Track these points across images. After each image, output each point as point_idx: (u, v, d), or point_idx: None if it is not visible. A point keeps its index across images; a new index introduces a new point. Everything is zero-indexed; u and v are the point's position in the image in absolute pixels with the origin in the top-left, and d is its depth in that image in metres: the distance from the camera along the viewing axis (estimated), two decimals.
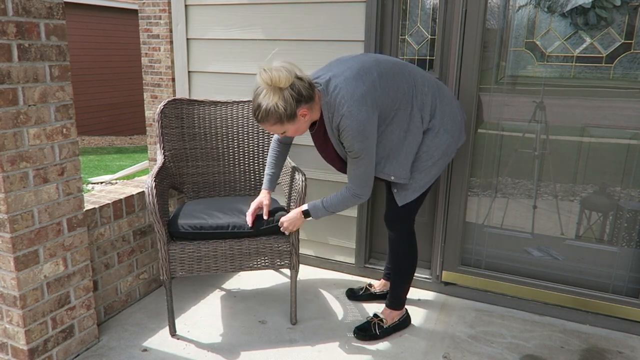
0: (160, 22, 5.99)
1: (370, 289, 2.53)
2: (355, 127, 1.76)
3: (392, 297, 2.25)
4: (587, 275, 2.38)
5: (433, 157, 1.97)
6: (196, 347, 2.13)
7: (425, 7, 2.41)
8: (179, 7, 2.80)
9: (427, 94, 1.94)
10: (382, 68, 1.86)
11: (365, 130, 1.77)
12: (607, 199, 2.28)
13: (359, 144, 1.79)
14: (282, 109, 1.74)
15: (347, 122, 1.76)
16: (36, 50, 1.72)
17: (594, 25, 2.13)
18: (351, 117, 1.75)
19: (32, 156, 1.76)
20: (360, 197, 1.92)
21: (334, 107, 1.79)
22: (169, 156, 2.44)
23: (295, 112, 1.77)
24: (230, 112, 2.59)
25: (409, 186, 2.00)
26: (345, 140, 1.81)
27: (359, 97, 1.76)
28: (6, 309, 1.83)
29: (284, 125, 1.81)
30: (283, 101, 1.74)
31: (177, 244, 2.08)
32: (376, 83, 1.81)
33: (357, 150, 1.81)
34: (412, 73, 1.93)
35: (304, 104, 1.78)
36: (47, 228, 1.85)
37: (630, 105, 2.15)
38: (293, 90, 1.74)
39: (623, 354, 2.12)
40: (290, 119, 1.78)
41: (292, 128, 1.84)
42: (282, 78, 1.71)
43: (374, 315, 2.26)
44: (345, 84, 1.78)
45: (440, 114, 1.96)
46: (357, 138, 1.78)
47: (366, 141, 1.79)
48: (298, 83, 1.76)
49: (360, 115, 1.76)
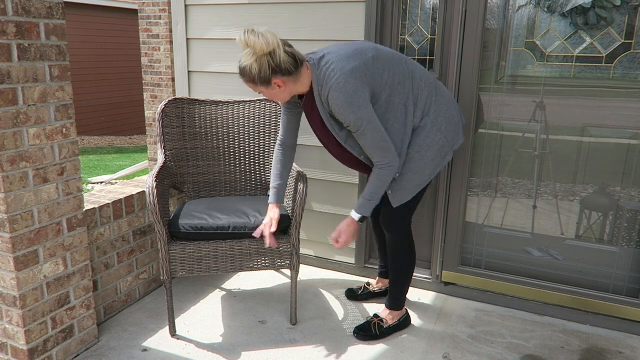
0: (160, 22, 5.98)
1: (369, 287, 2.53)
2: (343, 99, 1.77)
3: (392, 298, 2.24)
4: (587, 275, 2.38)
5: (426, 157, 1.96)
6: (196, 347, 2.13)
7: (425, 7, 2.41)
8: (179, 7, 2.79)
9: (423, 89, 1.94)
10: (379, 52, 1.88)
11: (354, 101, 1.77)
12: (607, 199, 2.28)
13: (353, 115, 1.79)
14: (256, 72, 1.78)
15: (335, 94, 1.78)
16: (36, 50, 1.72)
17: (594, 25, 2.12)
18: (339, 89, 1.77)
19: (32, 156, 1.76)
20: (391, 166, 1.88)
21: (324, 80, 1.81)
22: (169, 156, 2.44)
23: (270, 79, 1.80)
24: (232, 112, 2.59)
25: (403, 187, 1.99)
26: (339, 115, 1.81)
27: (348, 70, 1.78)
28: (6, 309, 1.83)
29: (258, 87, 1.84)
30: (258, 65, 1.78)
31: (178, 244, 2.08)
32: (369, 63, 1.83)
33: (354, 122, 1.80)
34: (410, 66, 1.94)
35: (280, 75, 1.80)
36: (47, 228, 1.85)
37: (630, 105, 2.15)
38: (272, 59, 1.77)
39: (623, 354, 2.12)
40: (263, 83, 1.82)
41: (266, 92, 1.87)
42: (258, 45, 1.73)
43: (374, 316, 2.26)
44: (337, 60, 1.81)
45: (434, 113, 1.96)
46: (349, 109, 1.78)
47: (359, 111, 1.79)
48: (280, 54, 1.78)
49: (347, 87, 1.77)
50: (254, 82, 1.83)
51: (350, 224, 1.99)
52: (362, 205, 1.95)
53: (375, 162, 1.89)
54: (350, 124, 1.81)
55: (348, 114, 1.78)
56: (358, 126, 1.81)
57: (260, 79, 1.80)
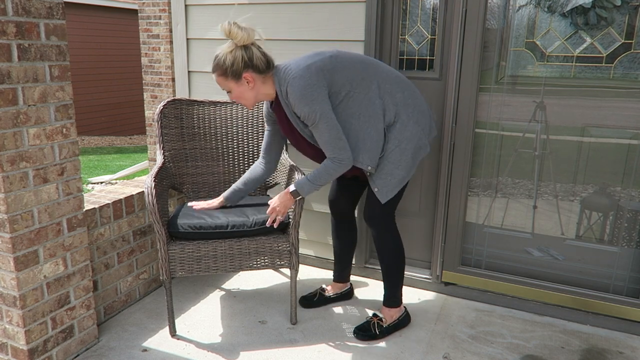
0: (160, 22, 5.98)
1: (324, 293, 2.50)
2: (298, 91, 1.84)
3: (388, 296, 2.24)
4: (587, 275, 2.38)
5: (406, 150, 1.99)
6: (196, 347, 2.13)
7: (425, 7, 2.41)
8: (179, 7, 2.79)
9: (392, 85, 1.99)
10: (339, 52, 1.97)
11: (307, 93, 1.84)
12: (608, 199, 2.28)
13: (307, 107, 1.84)
14: (229, 63, 1.87)
15: (290, 88, 1.86)
16: (36, 50, 1.72)
17: (594, 25, 2.12)
18: (294, 83, 1.85)
19: (32, 156, 1.76)
20: (341, 162, 1.92)
21: (283, 78, 1.90)
22: (168, 156, 2.44)
23: (241, 73, 1.88)
24: (230, 113, 2.59)
25: (389, 183, 2.02)
26: (296, 107, 1.88)
27: (304, 66, 1.87)
28: (6, 309, 1.83)
29: (228, 82, 1.92)
30: (232, 57, 1.87)
31: (177, 244, 2.08)
32: (326, 60, 1.91)
33: (308, 114, 1.86)
34: (375, 64, 2.01)
35: (252, 70, 1.89)
36: (47, 228, 1.85)
37: (631, 105, 2.15)
38: (246, 52, 1.87)
39: (623, 354, 2.12)
40: (234, 77, 1.89)
41: (236, 89, 1.93)
42: (239, 35, 1.83)
43: (373, 315, 2.26)
44: (295, 62, 1.92)
45: (407, 107, 2.01)
46: (303, 101, 1.84)
47: (312, 104, 1.84)
48: (255, 50, 1.89)
49: (302, 80, 1.84)
50: (224, 75, 1.90)
51: (284, 194, 2.04)
52: (302, 184, 2.00)
53: (328, 156, 1.94)
54: (305, 117, 1.88)
55: (302, 106, 1.85)
56: (312, 119, 1.87)
57: (232, 71, 1.88)
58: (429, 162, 2.57)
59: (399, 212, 2.69)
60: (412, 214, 2.68)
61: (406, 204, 2.67)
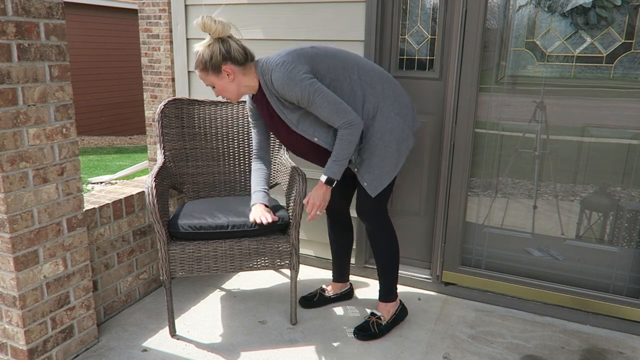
0: (160, 22, 5.98)
1: (324, 293, 2.50)
2: (284, 76, 1.86)
3: (384, 290, 2.25)
4: (587, 275, 2.38)
5: (390, 142, 2.00)
6: (196, 347, 2.13)
7: (425, 7, 2.40)
8: (179, 7, 2.79)
9: (372, 77, 2.01)
10: (319, 45, 2.01)
11: (294, 75, 1.86)
12: (608, 199, 2.28)
13: (298, 88, 1.86)
14: (207, 57, 1.90)
15: (275, 75, 1.88)
16: (36, 50, 1.72)
17: (594, 25, 2.12)
18: (278, 69, 1.87)
19: (31, 156, 1.76)
20: (351, 124, 1.91)
21: (266, 68, 1.92)
22: (169, 156, 2.44)
23: (220, 66, 1.91)
24: (231, 112, 2.58)
25: (377, 176, 2.02)
26: (286, 93, 1.89)
27: (284, 54, 1.91)
28: (6, 309, 1.83)
29: (209, 76, 1.95)
30: (210, 51, 1.90)
31: (177, 244, 2.08)
32: (306, 49, 1.96)
33: (301, 94, 1.86)
34: (356, 57, 2.04)
35: (230, 62, 1.91)
36: (46, 228, 1.85)
37: (631, 105, 2.15)
38: (223, 45, 1.90)
39: (623, 354, 2.12)
40: (214, 71, 1.92)
41: (218, 83, 1.96)
42: (213, 27, 1.85)
43: (371, 314, 2.26)
44: (276, 54, 1.96)
45: (388, 98, 2.02)
46: (291, 84, 1.86)
47: (302, 82, 1.85)
48: (232, 43, 1.92)
49: (285, 65, 1.87)
50: (205, 69, 1.93)
51: (318, 187, 2.01)
52: (330, 168, 1.98)
53: (336, 126, 1.93)
54: (299, 99, 1.88)
55: (293, 89, 1.86)
56: (307, 98, 1.87)
57: (211, 65, 1.91)
58: (429, 162, 2.57)
59: (399, 212, 2.69)
60: (412, 214, 2.68)
61: (406, 204, 2.67)
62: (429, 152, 2.56)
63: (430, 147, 2.55)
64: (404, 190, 2.66)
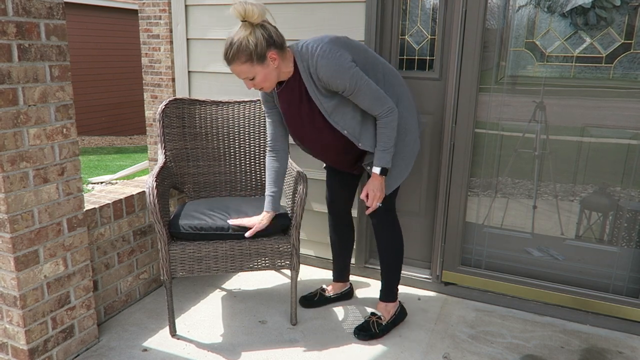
0: (160, 22, 5.99)
1: (324, 293, 2.50)
2: (333, 64, 1.81)
3: (386, 290, 2.25)
4: (587, 275, 2.38)
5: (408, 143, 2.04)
6: (196, 347, 2.13)
7: (425, 7, 2.41)
8: (179, 7, 2.80)
9: (393, 77, 2.03)
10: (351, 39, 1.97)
11: (343, 63, 1.82)
12: (607, 199, 2.28)
13: (347, 76, 1.82)
14: (253, 45, 1.75)
15: (323, 61, 1.81)
16: (36, 50, 1.72)
17: (593, 25, 2.13)
18: (325, 56, 1.81)
19: (32, 156, 1.76)
20: (392, 111, 1.91)
21: (307, 55, 1.84)
22: (170, 156, 2.44)
23: (265, 53, 1.78)
24: (232, 112, 2.59)
25: (392, 175, 2.05)
26: (333, 82, 1.83)
27: (326, 42, 1.84)
28: (6, 309, 1.83)
29: (254, 67, 1.80)
30: (254, 37, 1.75)
31: (178, 245, 2.08)
32: (343, 38, 1.91)
33: (349, 83, 1.83)
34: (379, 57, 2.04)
35: (274, 47, 1.80)
36: (47, 228, 1.85)
37: (630, 105, 2.15)
38: (264, 31, 1.77)
39: (623, 354, 2.12)
40: (260, 60, 1.78)
41: (261, 73, 1.82)
42: (255, 12, 1.72)
43: (371, 314, 2.26)
44: (313, 39, 1.88)
45: (404, 100, 2.04)
46: (341, 71, 1.81)
47: (350, 70, 1.82)
48: (269, 27, 1.80)
49: (332, 52, 1.81)
50: (250, 60, 1.78)
51: (374, 180, 1.99)
52: (379, 158, 1.96)
53: (377, 114, 1.91)
54: (345, 87, 1.84)
55: (342, 76, 1.82)
56: (354, 86, 1.84)
57: (257, 54, 1.77)
58: (429, 162, 2.57)
59: (399, 212, 2.69)
60: (412, 214, 2.68)
61: (406, 203, 2.68)
62: (429, 152, 2.56)
63: (430, 147, 2.55)
64: (404, 190, 2.66)
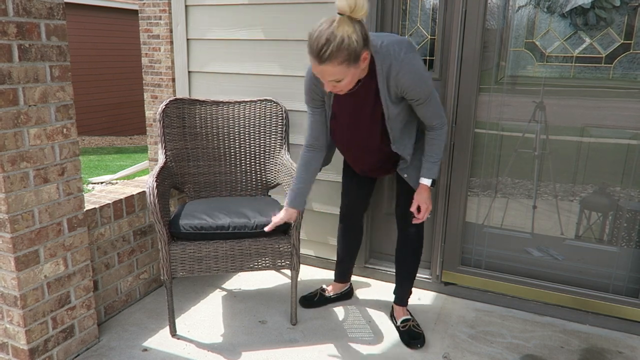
0: (160, 23, 5.99)
1: (324, 293, 2.50)
2: (418, 69, 1.75)
3: (404, 294, 2.29)
4: (587, 275, 2.38)
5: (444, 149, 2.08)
6: (196, 347, 2.13)
7: (425, 7, 2.41)
8: (179, 8, 2.80)
9: None
10: None
11: (425, 73, 1.79)
12: (607, 199, 2.29)
13: (425, 85, 1.79)
14: (355, 44, 1.55)
15: (409, 68, 1.72)
16: (37, 50, 1.73)
17: (593, 26, 2.13)
18: (411, 62, 1.73)
19: (32, 156, 1.76)
20: (444, 123, 1.93)
21: (391, 57, 1.72)
22: (170, 156, 2.44)
23: (361, 53, 1.60)
24: (232, 112, 2.59)
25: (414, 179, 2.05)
26: (411, 88, 1.76)
27: (407, 44, 1.75)
28: (7, 308, 1.84)
29: (349, 69, 1.61)
30: (357, 36, 1.56)
31: (178, 244, 2.09)
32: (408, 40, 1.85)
33: (425, 92, 1.80)
34: None
35: (367, 47, 1.62)
36: (47, 228, 1.85)
37: (630, 105, 2.15)
38: (362, 28, 1.59)
39: (623, 354, 2.12)
40: (356, 60, 1.60)
41: (351, 75, 1.64)
42: (365, 7, 1.54)
43: (404, 321, 2.23)
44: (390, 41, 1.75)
45: None
46: (423, 78, 1.77)
47: (429, 80, 1.80)
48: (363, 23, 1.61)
49: (416, 60, 1.75)
50: (348, 61, 1.58)
51: (423, 191, 2.00)
52: (430, 169, 1.97)
53: (434, 124, 1.91)
54: (420, 97, 1.80)
55: (422, 86, 1.78)
56: (428, 95, 1.82)
57: (356, 55, 1.58)
58: None
59: None
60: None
61: None
62: None
63: None
64: None
